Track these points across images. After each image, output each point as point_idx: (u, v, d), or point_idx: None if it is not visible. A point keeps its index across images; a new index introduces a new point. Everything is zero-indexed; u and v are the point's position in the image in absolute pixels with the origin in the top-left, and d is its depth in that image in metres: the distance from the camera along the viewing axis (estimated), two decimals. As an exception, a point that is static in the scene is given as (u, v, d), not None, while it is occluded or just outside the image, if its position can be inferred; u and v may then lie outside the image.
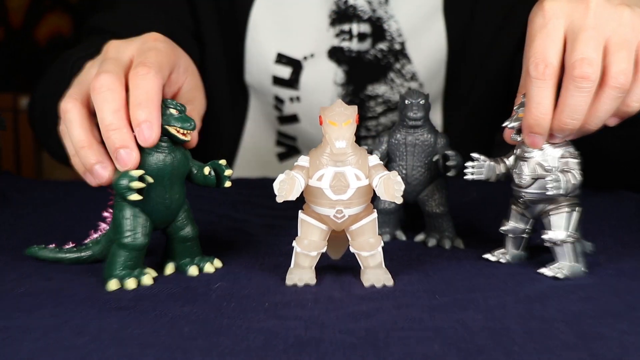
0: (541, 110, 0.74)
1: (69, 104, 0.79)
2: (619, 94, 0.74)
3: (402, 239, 0.88)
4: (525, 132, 0.75)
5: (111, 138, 0.73)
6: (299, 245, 0.74)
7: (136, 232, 0.74)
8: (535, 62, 0.74)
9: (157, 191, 0.74)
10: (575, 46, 0.73)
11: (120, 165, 0.73)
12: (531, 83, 0.74)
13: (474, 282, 0.74)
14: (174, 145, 0.75)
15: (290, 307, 0.68)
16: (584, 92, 0.73)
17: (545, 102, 0.73)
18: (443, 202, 0.86)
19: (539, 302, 0.69)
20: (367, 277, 0.74)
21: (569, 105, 0.73)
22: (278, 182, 0.71)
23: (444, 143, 0.85)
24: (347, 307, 0.68)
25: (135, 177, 0.72)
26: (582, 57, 0.73)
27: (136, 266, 0.74)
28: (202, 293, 0.72)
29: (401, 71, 1.16)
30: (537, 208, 0.77)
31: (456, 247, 0.85)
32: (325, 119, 0.71)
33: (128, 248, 0.74)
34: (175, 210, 0.76)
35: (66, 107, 0.79)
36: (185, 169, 0.75)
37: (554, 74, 0.73)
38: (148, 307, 0.68)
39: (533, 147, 0.76)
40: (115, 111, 0.74)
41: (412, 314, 0.66)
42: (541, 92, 0.74)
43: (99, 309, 0.68)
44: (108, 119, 0.74)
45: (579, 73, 0.72)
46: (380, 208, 0.87)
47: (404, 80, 1.16)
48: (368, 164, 0.72)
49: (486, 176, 0.79)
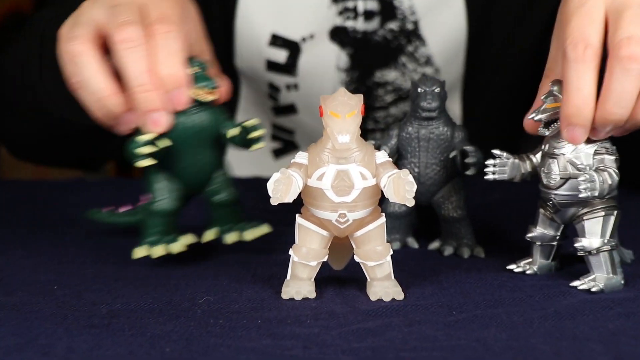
0: (582, 97, 0.72)
1: (80, 46, 0.79)
2: None
3: (414, 247, 0.88)
4: (563, 125, 0.73)
5: (142, 100, 0.77)
6: (297, 254, 0.74)
7: (164, 197, 0.80)
8: (574, 42, 0.72)
9: (183, 154, 0.79)
10: (620, 24, 0.72)
11: (150, 126, 0.77)
12: (569, 67, 0.72)
13: (496, 296, 0.74)
14: (199, 105, 0.79)
15: (286, 324, 0.69)
16: (632, 76, 0.71)
17: (587, 87, 0.72)
18: (461, 205, 0.86)
19: (570, 319, 0.69)
20: (374, 290, 0.74)
21: (614, 91, 0.72)
22: (272, 182, 0.71)
23: (462, 137, 0.85)
24: (351, 324, 0.68)
25: (141, 143, 0.77)
26: (629, 36, 0.71)
27: (167, 232, 0.80)
28: (186, 308, 0.72)
29: (414, 54, 1.17)
30: (568, 212, 0.78)
31: (476, 256, 0.86)
32: (327, 109, 0.71)
33: (156, 213, 0.80)
34: (206, 174, 0.81)
35: (77, 50, 0.79)
36: (213, 130, 0.77)
37: (595, 54, 0.72)
38: (124, 324, 0.68)
39: (573, 143, 0.74)
40: (146, 71, 0.77)
41: (425, 331, 0.67)
42: (582, 76, 0.72)
43: (67, 326, 0.68)
44: (139, 79, 0.77)
45: (626, 52, 0.71)
46: (389, 211, 0.87)
47: (417, 65, 1.17)
48: (375, 161, 0.73)
49: (510, 176, 0.80)
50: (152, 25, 0.79)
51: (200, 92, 0.79)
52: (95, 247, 0.89)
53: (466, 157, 0.84)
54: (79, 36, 0.80)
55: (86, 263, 0.84)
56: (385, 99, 1.18)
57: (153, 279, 0.79)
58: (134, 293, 0.76)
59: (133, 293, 0.76)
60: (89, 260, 0.85)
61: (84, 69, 0.79)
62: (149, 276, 0.80)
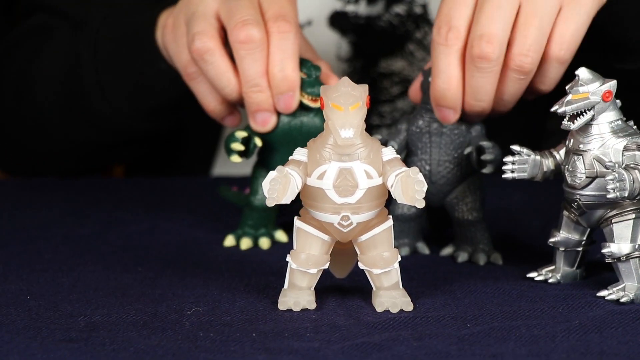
0: (445, 80, 0.82)
1: (209, 43, 0.88)
2: (520, 76, 0.82)
3: (425, 253, 0.89)
4: (433, 105, 0.84)
5: (254, 99, 0.87)
6: (295, 261, 0.75)
7: (259, 192, 0.89)
8: (439, 26, 0.82)
9: (284, 154, 0.84)
10: (479, 18, 0.81)
11: (257, 126, 0.88)
12: (433, 49, 0.83)
13: (514, 307, 0.75)
14: (304, 109, 0.87)
15: (283, 337, 0.69)
16: (485, 73, 0.81)
17: (449, 70, 0.82)
18: (477, 207, 0.86)
19: (597, 333, 0.69)
20: (380, 301, 0.74)
21: (471, 86, 0.82)
22: (268, 182, 0.71)
23: (478, 131, 0.86)
24: (355, 337, 0.69)
25: (238, 139, 0.87)
26: (482, 34, 0.80)
27: (260, 226, 0.90)
28: (173, 321, 0.72)
29: (423, 42, 1.17)
30: (595, 214, 0.78)
31: (493, 263, 0.86)
32: (328, 101, 0.71)
33: (253, 207, 0.90)
34: None
35: (206, 46, 0.88)
36: (317, 133, 0.78)
37: (457, 38, 0.82)
38: (105, 338, 0.69)
39: (445, 122, 0.84)
40: (263, 74, 0.87)
41: (436, 346, 0.67)
42: (444, 59, 0.82)
43: (42, 341, 0.68)
44: (255, 80, 0.87)
45: (477, 52, 0.80)
46: (397, 214, 0.87)
47: (426, 54, 1.17)
48: (382, 159, 0.73)
49: (530, 174, 0.80)
50: (269, 22, 0.87)
51: (305, 97, 0.87)
52: (72, 253, 0.89)
53: (483, 153, 0.84)
54: (205, 32, 0.88)
55: (62, 270, 0.84)
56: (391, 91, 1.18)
57: (136, 288, 0.79)
58: (115, 304, 0.76)
59: (114, 304, 0.76)
60: (66, 268, 0.85)
61: (214, 66, 0.88)
62: (132, 285, 0.80)
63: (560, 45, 0.83)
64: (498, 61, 0.81)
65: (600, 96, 0.75)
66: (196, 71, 0.91)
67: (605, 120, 0.76)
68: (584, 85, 0.75)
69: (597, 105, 0.76)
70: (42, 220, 0.99)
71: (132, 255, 0.88)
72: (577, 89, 0.76)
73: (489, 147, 0.83)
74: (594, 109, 0.76)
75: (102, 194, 1.09)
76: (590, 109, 0.75)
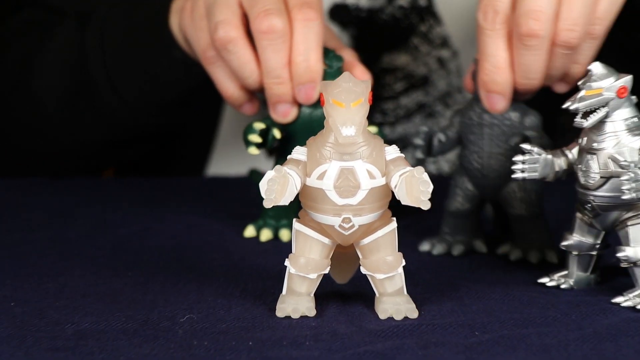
0: (494, 64, 0.84)
1: (233, 32, 0.90)
2: (566, 51, 0.83)
3: (483, 251, 0.89)
4: (481, 93, 0.85)
5: (275, 91, 0.89)
6: (294, 265, 0.75)
7: None
8: (484, 10, 0.84)
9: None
10: None
11: (278, 117, 0.90)
12: (480, 34, 0.84)
13: (525, 314, 0.75)
14: None
15: (281, 346, 0.69)
16: (535, 51, 0.83)
17: (498, 54, 0.84)
18: (532, 201, 0.86)
19: (611, 341, 0.69)
20: (383, 307, 0.74)
21: (520, 64, 0.84)
22: (266, 182, 0.72)
23: (532, 122, 0.85)
24: (357, 345, 0.69)
25: (255, 131, 0.89)
26: (528, 10, 0.82)
27: (281, 217, 0.92)
28: (166, 328, 0.72)
29: (428, 35, 1.17)
30: (610, 217, 0.78)
31: (549, 261, 0.85)
32: (328, 97, 0.71)
33: None
34: None
35: (230, 36, 0.89)
36: None
37: (503, 21, 0.83)
38: (93, 347, 0.69)
39: (492, 111, 0.84)
40: (285, 65, 0.89)
41: (443, 355, 0.67)
42: (492, 44, 0.84)
43: (27, 349, 0.68)
44: (277, 72, 0.89)
45: (524, 30, 0.82)
46: (453, 209, 0.88)
47: (431, 48, 1.17)
48: (385, 158, 0.73)
49: (542, 174, 0.80)
50: (294, 9, 0.89)
51: None
52: (59, 257, 0.89)
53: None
54: (228, 21, 0.90)
55: (49, 275, 0.84)
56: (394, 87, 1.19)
57: (127, 294, 0.79)
58: (104, 310, 0.76)
59: (103, 310, 0.76)
60: (52, 273, 0.85)
61: (237, 56, 0.90)
62: (122, 291, 0.80)
63: (594, 21, 0.84)
64: (547, 38, 0.82)
65: (615, 92, 0.75)
66: (215, 55, 0.92)
67: (620, 118, 0.76)
68: (598, 81, 0.75)
69: (612, 101, 0.76)
70: (27, 223, 0.99)
71: (122, 260, 0.88)
72: (590, 84, 0.76)
73: (535, 137, 0.84)
74: (608, 106, 0.76)
75: (90, 195, 1.09)
76: (604, 105, 0.76)
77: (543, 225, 0.87)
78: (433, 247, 0.89)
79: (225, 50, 0.90)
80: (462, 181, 0.88)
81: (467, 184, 0.88)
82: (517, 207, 0.86)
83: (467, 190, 0.88)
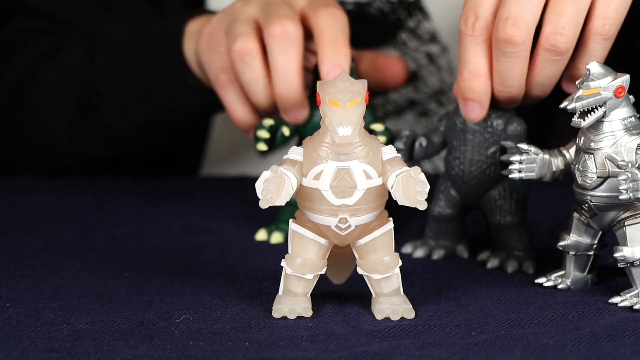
0: (471, 71, 0.83)
1: (251, 45, 0.91)
2: (555, 56, 0.81)
3: (464, 257, 0.89)
4: (458, 100, 0.85)
5: (288, 96, 0.90)
6: (290, 266, 0.75)
7: None
8: (466, 15, 0.83)
9: None
10: (506, 1, 0.81)
11: (290, 120, 0.92)
12: (460, 40, 0.84)
13: (522, 314, 0.75)
14: None
15: (278, 346, 0.69)
16: (512, 58, 0.81)
17: (476, 61, 0.83)
18: (512, 210, 0.86)
19: (609, 341, 0.69)
20: (380, 308, 0.74)
21: (498, 71, 0.83)
22: (262, 182, 0.72)
23: (515, 130, 0.85)
24: (354, 346, 0.69)
25: (265, 127, 0.90)
26: (507, 17, 0.81)
27: None
28: (161, 329, 0.72)
29: (416, 31, 1.17)
30: (607, 216, 0.78)
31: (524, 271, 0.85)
32: (325, 97, 0.71)
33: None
34: None
35: (248, 47, 0.91)
36: None
37: (484, 28, 0.83)
38: (88, 347, 0.69)
39: (469, 119, 0.84)
40: (299, 69, 0.91)
41: (439, 355, 0.67)
42: (470, 50, 0.83)
43: (22, 350, 0.68)
44: (291, 78, 0.90)
45: (502, 36, 0.81)
46: (435, 214, 0.88)
47: (419, 43, 1.17)
48: (381, 158, 0.73)
49: (538, 174, 0.80)
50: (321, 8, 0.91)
51: None
52: (55, 257, 0.89)
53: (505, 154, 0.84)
54: (247, 34, 0.91)
55: (44, 276, 0.84)
56: None
57: (123, 295, 0.79)
58: (100, 311, 0.76)
59: (99, 311, 0.76)
60: (48, 273, 0.85)
61: (252, 69, 0.91)
62: (117, 291, 0.80)
63: (604, 20, 0.83)
64: (525, 45, 0.81)
65: (613, 92, 0.75)
66: (228, 79, 0.94)
67: (618, 117, 0.76)
68: (595, 80, 0.75)
69: (609, 101, 0.76)
70: (22, 223, 0.99)
71: (118, 260, 0.88)
72: (587, 84, 0.76)
73: (510, 147, 0.83)
74: (605, 105, 0.76)
75: (86, 195, 1.09)
76: (602, 105, 0.76)
77: (523, 234, 0.86)
78: (415, 249, 0.89)
79: (242, 62, 0.91)
80: (446, 186, 0.88)
81: (450, 189, 0.87)
82: (496, 215, 0.86)
83: (449, 195, 0.87)
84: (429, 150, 0.87)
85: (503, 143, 0.84)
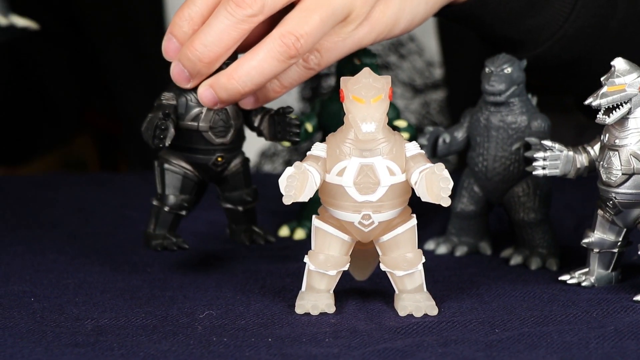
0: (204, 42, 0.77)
1: None
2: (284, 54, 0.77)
3: (487, 254, 0.89)
4: None
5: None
6: (313, 262, 0.75)
7: None
8: None
9: None
10: None
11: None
12: None
13: (545, 311, 0.75)
14: None
15: (301, 342, 0.69)
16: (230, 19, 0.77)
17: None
18: (535, 207, 0.86)
19: (633, 339, 0.69)
20: (403, 305, 0.75)
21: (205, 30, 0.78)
22: (285, 178, 0.72)
23: (538, 127, 0.85)
24: (377, 343, 0.69)
25: None
26: None
27: None
28: (185, 324, 0.73)
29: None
30: (632, 214, 0.78)
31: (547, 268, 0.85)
32: (348, 93, 0.72)
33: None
34: None
35: None
36: None
37: None
38: (113, 343, 0.69)
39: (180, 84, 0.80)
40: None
41: (463, 352, 0.67)
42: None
43: (47, 345, 0.69)
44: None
45: None
46: (458, 210, 0.88)
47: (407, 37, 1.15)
48: (405, 154, 0.73)
49: (563, 171, 0.80)
50: None
51: None
52: (79, 253, 0.89)
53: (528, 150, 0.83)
54: None
55: (68, 271, 0.85)
56: None
57: (146, 291, 0.80)
58: (123, 306, 0.77)
59: (123, 307, 0.77)
60: (71, 269, 0.85)
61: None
62: (141, 287, 0.81)
63: None
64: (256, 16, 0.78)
65: (638, 88, 0.75)
66: None
67: (643, 114, 0.76)
68: (620, 77, 0.75)
69: (635, 97, 0.76)
70: (46, 219, 1.00)
71: (141, 256, 0.88)
72: (612, 80, 0.76)
73: (535, 143, 0.83)
74: (630, 102, 0.76)
75: (109, 190, 1.09)
76: (627, 101, 0.76)
77: (547, 231, 0.86)
78: (438, 246, 0.89)
79: None
80: (469, 182, 0.88)
81: (473, 186, 0.87)
82: (519, 211, 0.86)
83: (473, 191, 0.88)
84: (453, 147, 0.87)
85: (527, 139, 0.84)
